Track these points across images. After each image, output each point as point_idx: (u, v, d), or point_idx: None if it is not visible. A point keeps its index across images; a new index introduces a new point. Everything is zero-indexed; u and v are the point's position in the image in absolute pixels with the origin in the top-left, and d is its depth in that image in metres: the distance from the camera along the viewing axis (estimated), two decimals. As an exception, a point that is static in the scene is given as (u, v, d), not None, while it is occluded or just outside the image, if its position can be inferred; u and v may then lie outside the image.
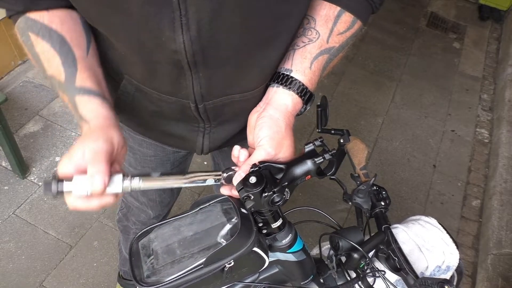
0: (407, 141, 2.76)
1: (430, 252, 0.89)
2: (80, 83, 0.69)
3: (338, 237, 0.79)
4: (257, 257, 0.68)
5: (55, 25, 0.70)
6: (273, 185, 0.63)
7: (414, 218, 0.95)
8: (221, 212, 0.68)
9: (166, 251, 0.65)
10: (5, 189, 2.16)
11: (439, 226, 0.93)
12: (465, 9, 4.02)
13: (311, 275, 0.85)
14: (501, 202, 2.32)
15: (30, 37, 0.71)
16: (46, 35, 0.70)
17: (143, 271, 0.64)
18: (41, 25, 0.70)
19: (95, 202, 0.62)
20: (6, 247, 1.96)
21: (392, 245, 0.81)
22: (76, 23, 0.74)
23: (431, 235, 0.90)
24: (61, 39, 0.70)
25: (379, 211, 0.88)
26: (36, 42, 0.70)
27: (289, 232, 0.75)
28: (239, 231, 0.63)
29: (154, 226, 0.69)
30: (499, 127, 2.82)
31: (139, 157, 1.10)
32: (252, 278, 0.77)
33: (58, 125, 2.47)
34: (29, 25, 0.71)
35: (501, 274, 2.03)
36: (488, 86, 3.28)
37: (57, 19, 0.71)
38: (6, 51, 2.63)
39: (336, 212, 2.28)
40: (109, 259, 1.97)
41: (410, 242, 0.89)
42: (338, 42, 0.78)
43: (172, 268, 0.63)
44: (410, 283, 0.77)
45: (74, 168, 0.60)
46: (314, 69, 0.77)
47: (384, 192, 0.91)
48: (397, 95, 3.07)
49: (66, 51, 0.70)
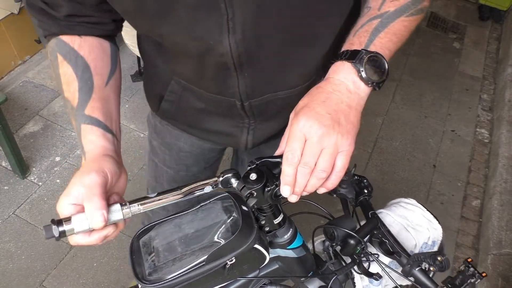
0: (407, 141, 2.76)
1: (416, 231, 0.91)
2: (88, 111, 0.71)
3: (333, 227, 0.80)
4: (258, 253, 0.68)
5: (83, 52, 0.74)
6: (273, 179, 0.64)
7: (395, 202, 0.98)
8: (222, 209, 0.68)
9: (167, 249, 0.65)
10: (5, 189, 2.16)
11: (419, 205, 0.95)
12: (465, 9, 4.02)
13: (311, 271, 0.85)
14: (501, 202, 2.32)
15: (58, 57, 0.74)
16: (73, 59, 0.73)
17: (144, 269, 0.64)
18: (70, 49, 0.74)
19: (95, 236, 0.61)
20: (6, 247, 1.96)
21: (381, 229, 0.83)
22: (104, 52, 0.77)
23: (414, 214, 0.93)
24: (85, 66, 0.73)
25: (363, 199, 0.90)
26: (62, 64, 0.73)
27: (289, 228, 0.75)
28: (241, 229, 0.64)
29: (155, 224, 0.69)
30: (499, 127, 2.82)
31: (175, 153, 1.12)
32: (252, 274, 0.78)
33: (58, 125, 2.48)
34: (60, 47, 0.74)
35: (501, 274, 2.03)
36: (488, 86, 3.28)
37: (86, 46, 0.75)
38: (6, 51, 2.63)
39: (336, 212, 2.28)
40: (109, 259, 1.97)
41: (396, 224, 0.92)
42: (393, 7, 0.75)
43: (173, 266, 0.63)
44: (404, 262, 0.79)
45: (73, 205, 0.60)
46: (360, 34, 0.73)
47: (365, 181, 0.93)
48: (397, 95, 3.07)
49: (86, 79, 0.73)
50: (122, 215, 0.61)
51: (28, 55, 2.79)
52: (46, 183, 2.21)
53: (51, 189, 2.18)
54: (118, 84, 0.80)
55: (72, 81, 0.72)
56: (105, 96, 0.75)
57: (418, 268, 0.77)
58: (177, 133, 1.07)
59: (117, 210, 0.61)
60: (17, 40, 2.65)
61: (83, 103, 0.71)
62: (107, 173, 0.62)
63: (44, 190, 2.18)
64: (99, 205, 0.58)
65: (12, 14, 2.53)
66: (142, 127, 2.53)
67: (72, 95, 0.72)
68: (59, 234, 0.57)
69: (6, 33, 2.56)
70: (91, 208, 0.58)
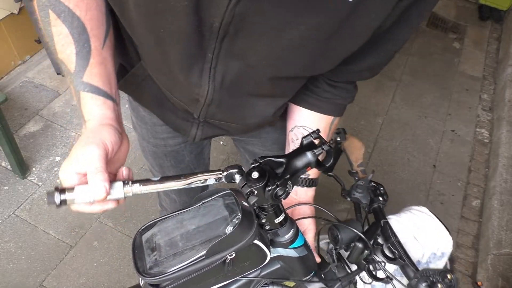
0: (407, 141, 2.76)
1: (425, 240, 0.90)
2: (87, 78, 0.69)
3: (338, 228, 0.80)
4: (259, 250, 0.68)
5: (79, 11, 0.70)
6: (275, 179, 0.64)
7: (406, 209, 0.98)
8: (223, 206, 0.69)
9: (168, 244, 0.65)
10: (5, 189, 2.16)
11: (430, 214, 0.94)
12: (465, 9, 4.02)
13: (313, 271, 0.85)
14: (501, 202, 2.32)
15: (50, 14, 0.69)
16: (68, 19, 0.69)
17: (145, 263, 0.65)
18: (65, 8, 0.69)
19: (97, 207, 0.63)
20: (6, 247, 1.96)
21: (391, 238, 0.82)
22: (100, 11, 0.73)
23: (424, 223, 0.92)
24: (82, 27, 0.70)
25: (377, 206, 0.90)
26: (55, 22, 0.69)
27: (291, 228, 0.75)
28: (240, 223, 0.64)
29: (158, 220, 0.70)
30: (499, 127, 2.82)
31: (150, 127, 1.12)
32: (254, 274, 0.78)
33: (58, 125, 2.48)
34: (52, 3, 0.69)
35: (501, 274, 2.03)
36: (488, 86, 3.29)
37: (83, 5, 0.70)
38: (6, 51, 2.63)
39: (337, 212, 2.28)
40: (109, 259, 1.97)
41: (405, 232, 0.91)
42: (331, 136, 1.00)
43: (174, 260, 0.63)
44: (410, 275, 0.78)
45: (77, 174, 0.61)
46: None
47: (381, 188, 0.93)
48: (397, 95, 3.07)
49: (83, 42, 0.70)
50: (123, 193, 0.62)
51: (28, 55, 2.79)
52: (46, 183, 2.21)
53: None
54: (112, 43, 0.77)
55: (68, 43, 0.69)
56: (103, 59, 0.72)
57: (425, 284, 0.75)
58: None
59: (119, 187, 0.62)
60: (17, 40, 2.65)
61: (81, 69, 0.69)
62: (107, 145, 0.63)
63: (44, 190, 2.17)
64: (103, 177, 0.59)
65: (12, 14, 2.53)
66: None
67: (68, 58, 0.70)
68: (60, 202, 0.59)
69: (6, 33, 2.56)
70: (95, 180, 0.59)
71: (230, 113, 0.89)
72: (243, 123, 0.94)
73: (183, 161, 1.21)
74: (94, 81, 0.69)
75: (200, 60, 0.72)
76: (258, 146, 1.19)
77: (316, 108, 0.92)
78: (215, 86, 0.77)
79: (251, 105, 0.87)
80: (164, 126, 1.09)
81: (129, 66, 0.90)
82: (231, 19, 0.63)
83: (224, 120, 0.92)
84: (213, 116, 0.89)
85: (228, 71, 0.74)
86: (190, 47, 0.69)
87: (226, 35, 0.66)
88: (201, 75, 0.75)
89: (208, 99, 0.81)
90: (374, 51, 0.76)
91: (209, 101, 0.81)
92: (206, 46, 0.69)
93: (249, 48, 0.68)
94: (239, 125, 0.95)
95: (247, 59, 0.70)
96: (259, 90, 0.81)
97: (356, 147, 1.07)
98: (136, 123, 1.15)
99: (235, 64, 0.72)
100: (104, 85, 0.70)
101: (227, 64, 0.72)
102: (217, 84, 0.77)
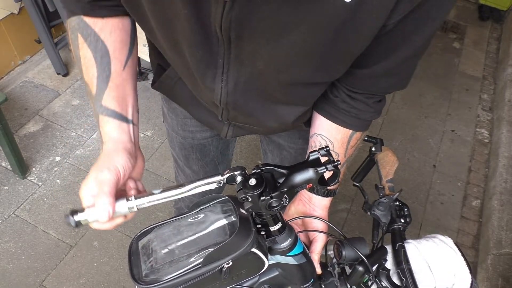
0: (407, 141, 2.76)
1: (439, 273, 0.83)
2: (105, 102, 0.74)
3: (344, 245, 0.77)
4: (256, 258, 0.67)
5: (104, 34, 0.74)
6: (272, 190, 0.62)
7: (430, 236, 0.90)
8: (221, 213, 0.68)
9: (165, 251, 0.65)
10: (5, 189, 2.16)
11: (454, 246, 0.86)
12: (465, 9, 4.02)
13: (311, 279, 0.83)
14: (501, 202, 2.32)
15: (78, 38, 0.75)
16: (93, 43, 0.74)
17: (141, 270, 0.64)
18: (91, 31, 0.74)
19: (106, 224, 0.67)
20: (6, 247, 1.96)
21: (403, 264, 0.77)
22: (125, 32, 0.78)
23: (444, 255, 0.84)
24: (104, 50, 0.74)
25: (397, 228, 0.85)
26: (82, 46, 0.75)
27: (289, 235, 0.74)
28: (237, 231, 0.63)
29: (154, 226, 0.69)
30: (499, 127, 2.82)
31: (180, 119, 1.15)
32: (251, 281, 0.77)
33: (58, 125, 2.48)
34: (81, 27, 0.75)
35: (501, 274, 2.03)
36: (488, 86, 3.28)
37: (108, 28, 0.75)
38: (6, 51, 2.63)
39: (336, 212, 2.29)
40: (109, 259, 1.97)
41: (420, 260, 0.83)
42: (352, 152, 0.94)
43: (170, 268, 0.63)
44: None
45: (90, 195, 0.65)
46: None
47: (406, 210, 0.87)
48: (397, 95, 3.07)
49: (104, 65, 0.74)
50: (128, 209, 0.66)
51: (28, 55, 2.79)
52: (46, 183, 2.21)
53: (51, 189, 2.19)
54: (135, 63, 0.82)
55: (91, 67, 0.74)
56: (122, 80, 0.77)
57: None
58: None
59: (123, 204, 0.65)
60: (17, 40, 2.65)
61: (100, 93, 0.74)
62: (119, 170, 0.67)
63: (44, 190, 2.18)
64: (107, 201, 0.63)
65: (12, 14, 2.53)
66: (144, 127, 2.53)
67: (90, 80, 0.75)
68: (76, 224, 0.64)
69: (6, 33, 2.56)
70: (99, 205, 0.63)
71: (250, 117, 0.90)
72: (265, 126, 0.94)
73: (208, 155, 1.25)
74: (112, 105, 0.74)
75: (213, 66, 0.74)
76: (284, 137, 1.17)
77: (333, 118, 0.89)
78: (228, 91, 0.78)
79: (269, 111, 0.87)
80: (194, 120, 1.12)
81: (166, 66, 0.94)
82: (229, 24, 0.63)
83: (246, 123, 0.94)
84: (235, 119, 0.92)
85: (240, 76, 0.75)
86: (202, 53, 0.71)
87: (230, 40, 0.67)
88: (214, 80, 0.76)
89: (223, 103, 0.82)
90: (388, 54, 0.74)
91: (224, 105, 0.82)
92: (216, 51, 0.70)
93: (255, 53, 0.68)
94: (261, 128, 0.96)
95: (255, 64, 0.71)
96: (274, 96, 0.81)
97: (389, 161, 1.00)
98: (167, 113, 1.19)
99: (245, 70, 0.73)
100: (120, 108, 0.75)
101: (238, 69, 0.73)
102: (230, 89, 0.78)
